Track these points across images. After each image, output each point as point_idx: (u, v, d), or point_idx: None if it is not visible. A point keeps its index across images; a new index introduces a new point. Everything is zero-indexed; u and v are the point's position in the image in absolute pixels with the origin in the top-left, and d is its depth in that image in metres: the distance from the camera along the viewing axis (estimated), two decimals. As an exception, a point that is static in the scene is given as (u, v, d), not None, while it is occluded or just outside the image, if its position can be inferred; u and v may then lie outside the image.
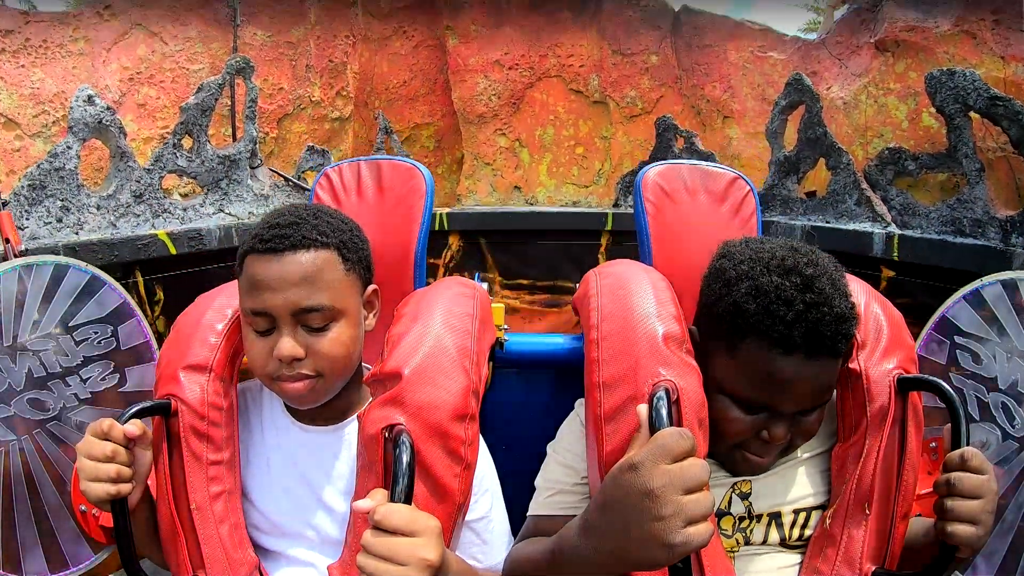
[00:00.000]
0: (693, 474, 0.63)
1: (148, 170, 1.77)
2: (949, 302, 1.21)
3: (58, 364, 1.21)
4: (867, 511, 0.88)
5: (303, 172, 2.35)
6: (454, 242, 2.52)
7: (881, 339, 0.95)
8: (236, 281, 0.96)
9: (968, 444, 0.82)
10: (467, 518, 0.92)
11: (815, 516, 0.94)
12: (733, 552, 0.93)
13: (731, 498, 0.95)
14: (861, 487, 0.89)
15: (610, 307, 0.96)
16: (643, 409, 0.73)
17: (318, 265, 0.87)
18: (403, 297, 1.07)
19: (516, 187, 2.92)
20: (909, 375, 0.91)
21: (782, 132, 2.14)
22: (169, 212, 1.84)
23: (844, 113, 2.26)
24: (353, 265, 0.92)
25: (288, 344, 0.85)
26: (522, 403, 1.28)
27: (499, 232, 2.53)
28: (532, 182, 2.92)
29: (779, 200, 2.14)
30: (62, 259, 1.23)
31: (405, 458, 0.77)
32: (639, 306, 0.93)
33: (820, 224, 1.94)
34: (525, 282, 2.58)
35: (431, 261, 2.39)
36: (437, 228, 2.47)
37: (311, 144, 2.43)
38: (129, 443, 0.84)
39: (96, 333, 1.26)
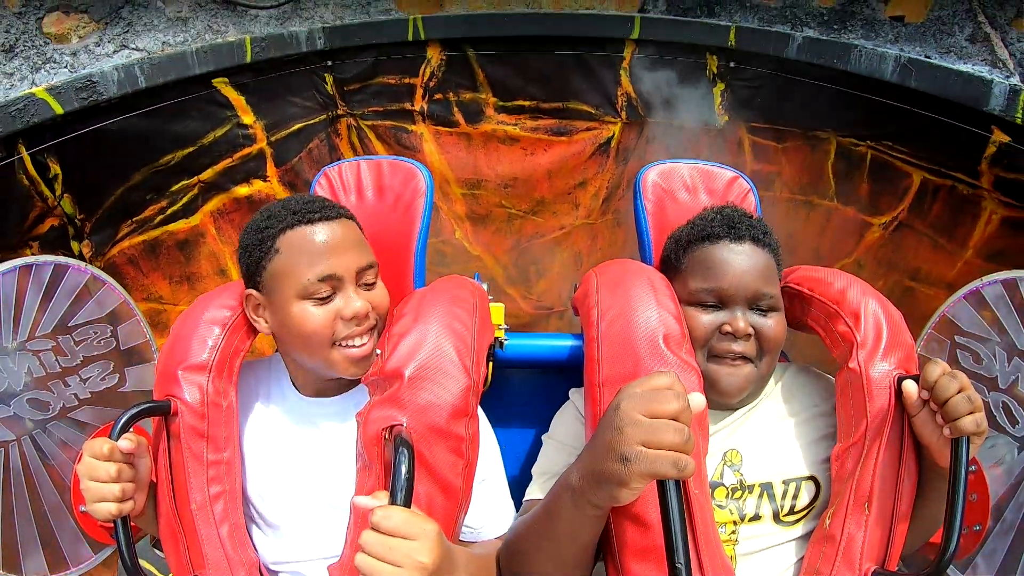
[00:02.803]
0: (658, 397, 0.67)
1: (19, 13, 1.44)
2: (949, 302, 1.21)
3: (58, 364, 1.21)
4: (867, 511, 0.88)
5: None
6: (434, 55, 2.02)
7: (881, 339, 0.95)
8: (236, 282, 0.96)
9: (968, 445, 0.82)
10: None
11: (805, 487, 0.97)
12: (732, 536, 0.94)
13: (723, 470, 0.98)
14: (861, 487, 0.89)
15: (610, 306, 0.96)
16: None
17: (358, 229, 1.00)
18: (403, 297, 1.07)
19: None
20: (909, 375, 0.91)
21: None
22: (54, 62, 1.48)
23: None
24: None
25: (361, 300, 0.94)
26: (521, 403, 1.27)
27: (492, 40, 2.02)
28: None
29: (860, 20, 1.66)
30: (61, 259, 1.22)
31: (405, 459, 0.77)
32: (639, 305, 0.94)
33: (918, 58, 1.52)
34: (527, 103, 2.11)
35: (407, 81, 2.05)
36: (411, 38, 1.98)
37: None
38: (128, 457, 0.86)
39: (96, 333, 1.26)
